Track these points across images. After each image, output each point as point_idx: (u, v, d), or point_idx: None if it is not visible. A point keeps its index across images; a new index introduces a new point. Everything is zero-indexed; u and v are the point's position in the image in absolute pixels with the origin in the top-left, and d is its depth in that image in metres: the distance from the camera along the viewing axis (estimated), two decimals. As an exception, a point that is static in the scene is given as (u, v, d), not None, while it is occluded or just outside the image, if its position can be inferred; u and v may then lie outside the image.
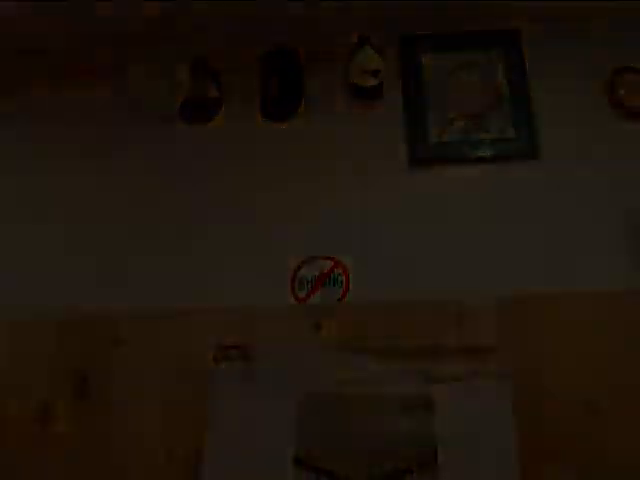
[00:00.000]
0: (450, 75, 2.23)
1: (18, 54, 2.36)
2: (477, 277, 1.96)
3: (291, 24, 2.26)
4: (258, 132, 2.23)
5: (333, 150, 2.18)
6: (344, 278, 2.00)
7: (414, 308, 1.91)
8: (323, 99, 2.23)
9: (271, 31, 2.28)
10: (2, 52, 2.35)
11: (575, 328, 1.86)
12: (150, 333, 1.96)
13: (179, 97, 2.22)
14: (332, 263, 2.02)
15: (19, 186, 2.24)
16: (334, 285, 1.99)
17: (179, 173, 2.20)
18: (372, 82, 2.16)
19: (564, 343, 1.84)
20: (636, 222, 1.98)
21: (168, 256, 2.09)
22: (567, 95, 2.17)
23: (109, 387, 1.92)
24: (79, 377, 1.94)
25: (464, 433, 1.71)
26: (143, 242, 2.12)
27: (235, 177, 2.17)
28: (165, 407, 1.88)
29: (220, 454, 1.75)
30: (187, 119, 2.25)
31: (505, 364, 1.78)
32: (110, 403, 1.90)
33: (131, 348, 1.95)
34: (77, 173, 2.23)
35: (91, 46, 2.33)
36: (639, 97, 2.13)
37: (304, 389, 1.82)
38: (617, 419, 1.76)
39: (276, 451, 1.74)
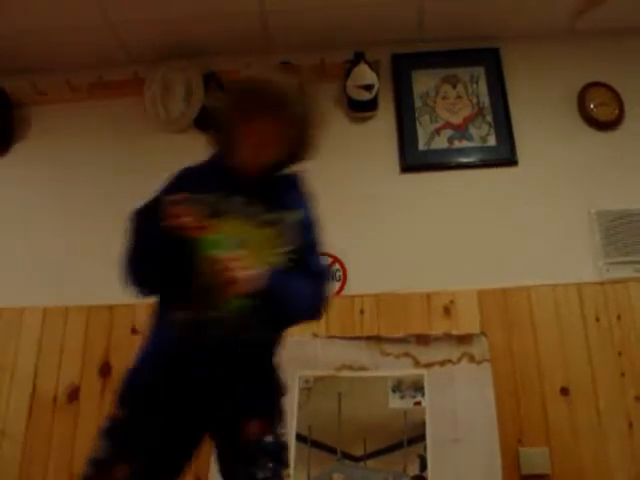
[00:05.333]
0: (437, 89, 2.21)
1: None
2: (462, 272, 1.95)
3: (293, 43, 2.24)
4: (264, 140, 2.21)
5: (332, 156, 2.14)
6: (342, 273, 1.99)
7: (405, 300, 1.91)
8: (323, 110, 2.20)
9: (276, 48, 2.26)
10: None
11: (549, 318, 1.86)
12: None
13: (194, 108, 2.20)
14: (331, 259, 2.00)
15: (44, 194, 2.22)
16: (333, 279, 1.98)
17: (193, 177, 2.17)
18: (366, 96, 2.14)
19: (539, 332, 1.84)
20: (604, 222, 1.97)
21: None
22: (542, 107, 2.17)
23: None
24: (103, 361, 1.93)
25: (450, 412, 1.70)
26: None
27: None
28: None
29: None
30: (202, 128, 2.22)
31: (486, 350, 1.77)
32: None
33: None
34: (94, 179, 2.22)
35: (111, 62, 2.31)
36: (607, 109, 2.12)
37: (305, 372, 1.81)
38: (589, 403, 1.76)
39: (281, 428, 1.73)
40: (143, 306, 1.94)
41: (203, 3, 2.04)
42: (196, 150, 2.23)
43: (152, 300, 1.26)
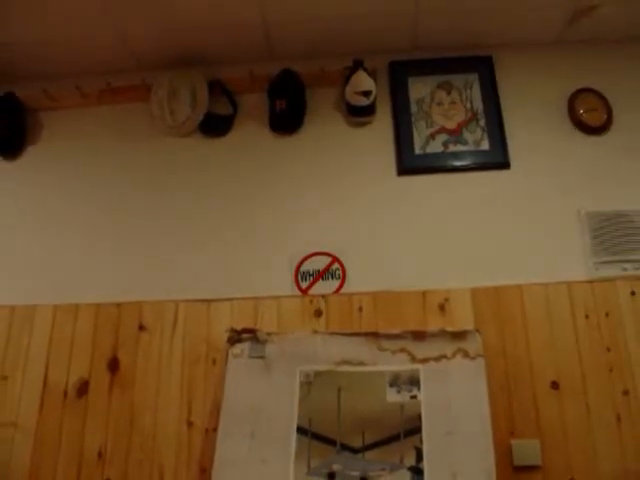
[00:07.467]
0: (432, 95, 2.21)
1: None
2: (456, 271, 1.96)
3: (294, 51, 2.24)
4: (267, 143, 2.21)
5: (332, 159, 2.16)
6: (341, 272, 1.99)
7: (402, 298, 1.91)
8: (323, 115, 2.21)
9: (278, 56, 2.26)
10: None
11: (540, 315, 1.86)
12: (170, 321, 1.96)
13: (199, 114, 2.20)
14: (331, 259, 2.01)
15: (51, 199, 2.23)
16: (332, 278, 1.99)
17: (197, 179, 2.18)
18: (365, 102, 2.14)
19: (531, 328, 1.85)
20: (593, 223, 1.97)
21: (186, 254, 2.07)
22: (534, 112, 2.17)
23: (135, 365, 1.92)
24: (111, 356, 1.93)
25: (445, 405, 1.70)
26: (164, 243, 2.10)
27: (247, 183, 2.15)
28: (184, 383, 1.88)
29: (234, 424, 1.74)
30: (206, 133, 2.22)
31: (480, 346, 1.77)
32: (135, 379, 1.90)
33: (153, 333, 1.95)
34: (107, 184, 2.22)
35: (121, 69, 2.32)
36: (596, 115, 2.12)
37: (306, 367, 1.81)
38: (578, 397, 1.76)
39: (282, 421, 1.74)
40: (149, 304, 1.98)
41: (208, 14, 2.04)
42: (201, 153, 2.27)
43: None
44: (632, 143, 2.10)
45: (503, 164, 2.09)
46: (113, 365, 1.92)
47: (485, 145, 2.12)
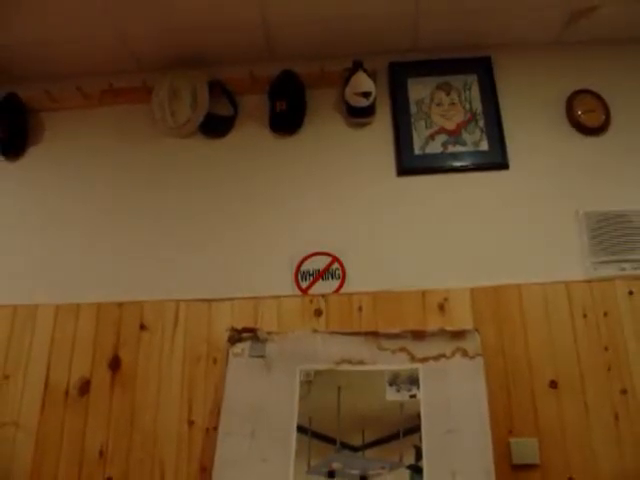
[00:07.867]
0: (431, 96, 2.22)
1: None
2: (456, 271, 1.96)
3: (294, 52, 2.24)
4: (267, 143, 2.21)
5: (332, 160, 2.16)
6: (341, 272, 1.99)
7: (402, 298, 1.91)
8: (323, 116, 2.21)
9: (278, 57, 2.26)
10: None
11: (539, 315, 1.87)
12: (171, 320, 1.96)
13: (200, 114, 2.20)
14: (331, 259, 2.01)
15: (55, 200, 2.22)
16: (332, 278, 1.99)
17: (198, 180, 2.18)
18: (364, 102, 2.14)
19: (529, 328, 1.85)
20: (591, 223, 1.98)
21: (187, 254, 2.07)
22: (532, 113, 2.17)
23: (136, 364, 1.92)
24: (112, 355, 1.93)
25: (444, 404, 1.71)
26: (164, 243, 2.10)
27: (247, 183, 2.15)
28: (185, 382, 1.88)
29: (234, 423, 1.74)
30: (207, 133, 2.22)
31: (479, 345, 1.77)
32: (136, 378, 1.90)
33: (154, 332, 1.95)
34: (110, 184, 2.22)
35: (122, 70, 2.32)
36: (594, 116, 2.13)
37: (306, 366, 1.81)
38: (577, 396, 1.76)
39: (282, 419, 1.74)
40: (150, 303, 1.98)
41: (208, 14, 2.04)
42: (201, 153, 2.27)
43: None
44: (630, 144, 2.10)
45: (502, 164, 2.09)
46: (114, 364, 1.92)
47: (484, 146, 2.13)
